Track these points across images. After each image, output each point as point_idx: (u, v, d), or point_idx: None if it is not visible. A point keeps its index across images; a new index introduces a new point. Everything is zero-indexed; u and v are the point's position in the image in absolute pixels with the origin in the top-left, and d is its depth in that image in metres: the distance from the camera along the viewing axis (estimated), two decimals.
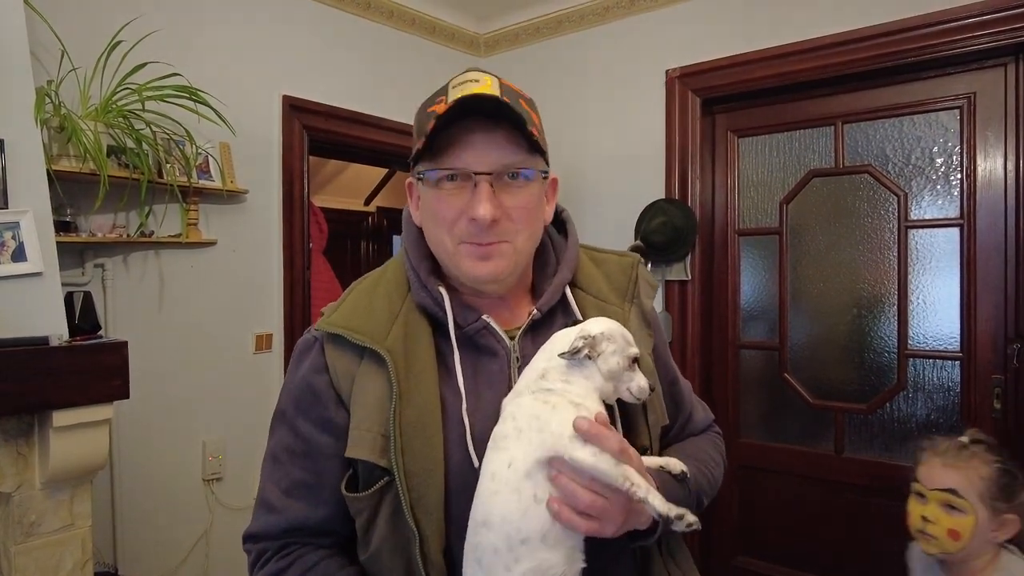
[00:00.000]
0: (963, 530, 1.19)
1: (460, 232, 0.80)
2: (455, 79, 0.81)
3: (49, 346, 1.52)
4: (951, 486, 1.21)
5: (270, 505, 0.84)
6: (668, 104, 2.79)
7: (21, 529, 1.59)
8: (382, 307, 0.84)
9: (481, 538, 0.70)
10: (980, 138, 2.26)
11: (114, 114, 1.97)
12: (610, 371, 0.76)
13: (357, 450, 0.78)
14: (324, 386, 0.82)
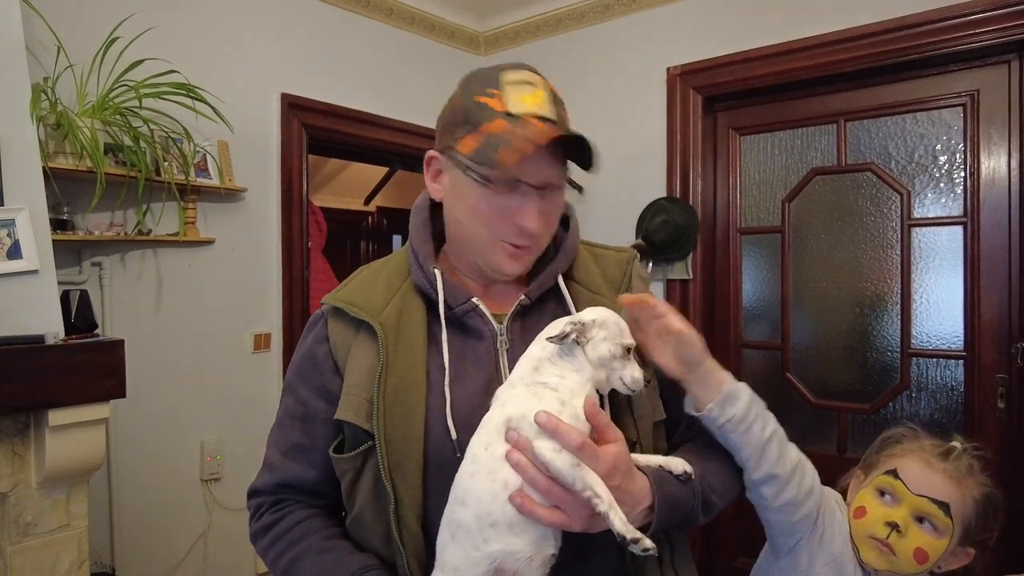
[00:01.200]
0: (932, 553, 0.94)
1: (501, 232, 0.83)
2: (510, 74, 0.82)
3: (45, 344, 1.51)
4: (946, 500, 0.93)
5: (270, 464, 0.92)
6: (669, 102, 2.77)
7: (17, 529, 1.57)
8: (383, 286, 0.90)
9: (457, 514, 0.72)
10: (983, 135, 2.24)
11: (111, 111, 1.96)
12: (600, 358, 0.76)
13: (344, 412, 0.83)
14: (324, 355, 0.89)
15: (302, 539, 0.86)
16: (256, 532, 0.90)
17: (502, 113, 0.80)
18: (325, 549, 0.84)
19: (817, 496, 0.97)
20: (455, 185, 0.85)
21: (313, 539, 0.86)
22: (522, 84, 0.82)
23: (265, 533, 0.89)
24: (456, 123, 0.83)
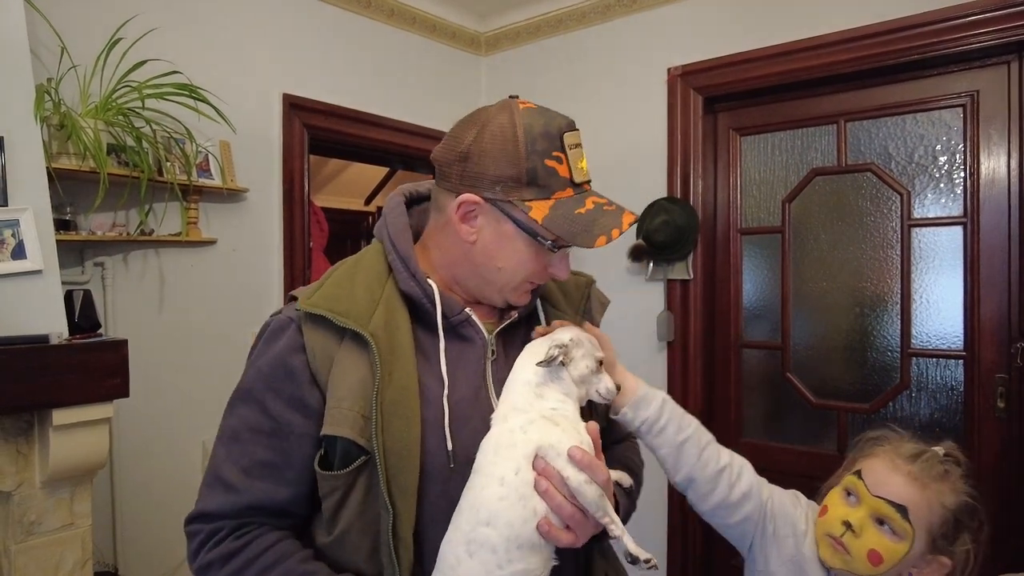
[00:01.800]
0: (888, 557, 0.90)
1: (533, 276, 0.89)
2: (569, 136, 0.85)
3: (49, 344, 1.51)
4: (904, 503, 0.90)
5: (227, 484, 0.82)
6: (670, 102, 2.78)
7: (21, 528, 1.58)
8: (363, 292, 0.86)
9: (480, 534, 0.75)
10: (983, 136, 2.25)
11: (114, 112, 1.97)
12: (581, 375, 0.85)
13: (338, 428, 0.79)
14: (300, 365, 0.83)
15: (275, 565, 0.79)
16: (211, 562, 0.81)
17: (568, 181, 0.84)
18: (306, 572, 0.80)
19: (756, 499, 1.00)
20: (503, 236, 0.86)
21: (289, 563, 0.80)
22: (577, 148, 0.86)
23: (227, 562, 0.80)
24: (519, 181, 0.83)
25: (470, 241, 0.87)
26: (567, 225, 0.83)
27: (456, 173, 0.85)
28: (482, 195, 0.84)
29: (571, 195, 0.84)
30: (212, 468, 0.85)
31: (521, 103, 0.87)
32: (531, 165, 0.82)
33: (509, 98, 0.88)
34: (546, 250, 0.86)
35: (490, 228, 0.86)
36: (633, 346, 2.88)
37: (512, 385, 0.84)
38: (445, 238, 0.90)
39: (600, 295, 1.08)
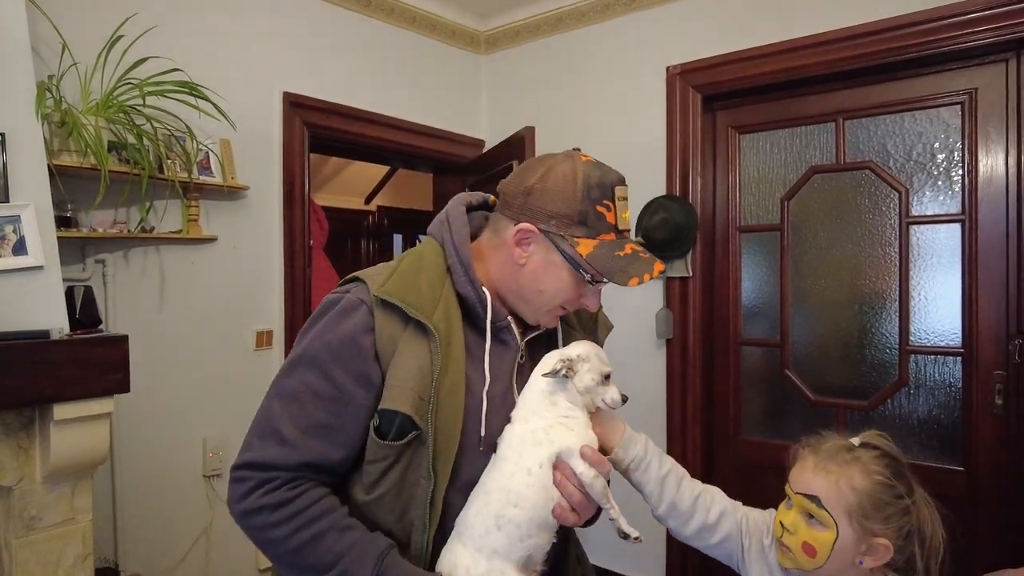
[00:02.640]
0: (820, 547, 0.97)
1: (567, 303, 1.01)
2: (620, 189, 0.98)
3: (49, 340, 1.52)
4: (815, 492, 0.98)
5: (283, 438, 0.91)
6: (669, 101, 2.79)
7: (22, 523, 1.59)
8: (427, 288, 0.97)
9: (509, 513, 0.91)
10: (981, 134, 2.25)
11: (115, 109, 1.97)
12: (586, 387, 0.98)
13: (401, 404, 0.90)
14: (369, 345, 0.93)
15: (323, 516, 0.90)
16: (263, 506, 0.90)
17: (613, 227, 0.97)
18: (348, 527, 0.91)
19: (731, 518, 1.10)
20: (550, 265, 0.98)
21: (335, 516, 0.91)
22: (624, 201, 0.99)
23: (276, 509, 0.89)
24: (572, 220, 0.96)
25: (520, 263, 0.99)
26: (607, 263, 0.95)
27: (519, 204, 0.98)
28: (538, 226, 0.97)
29: (614, 239, 0.97)
30: (266, 421, 0.93)
31: (583, 156, 1.00)
32: (584, 208, 0.95)
33: (573, 150, 1.03)
34: (584, 282, 0.98)
35: (540, 255, 0.98)
36: (632, 344, 2.88)
37: (528, 393, 0.99)
38: (497, 256, 1.02)
39: (605, 319, 1.23)
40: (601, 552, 2.98)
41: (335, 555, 0.89)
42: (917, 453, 2.37)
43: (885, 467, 0.97)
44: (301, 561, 0.90)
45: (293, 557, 0.90)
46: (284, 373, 0.95)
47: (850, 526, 0.96)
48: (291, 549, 0.89)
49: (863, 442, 1.01)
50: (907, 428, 2.39)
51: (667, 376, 2.78)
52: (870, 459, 0.98)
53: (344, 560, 0.88)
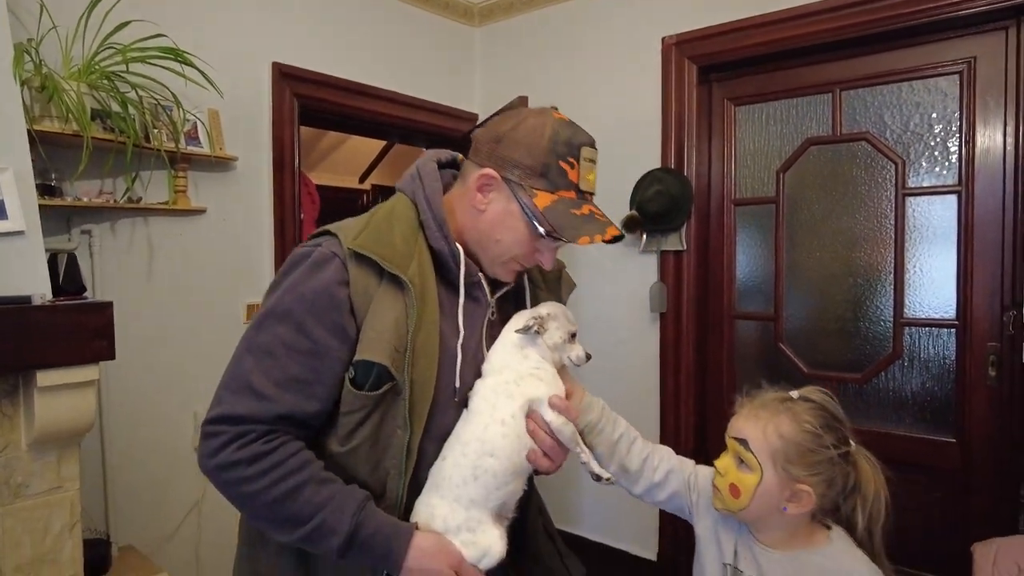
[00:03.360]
0: (744, 488, 1.01)
1: (519, 256, 1.01)
2: (587, 150, 0.99)
3: (31, 305, 1.49)
4: (744, 436, 1.02)
5: (258, 392, 0.90)
6: (664, 72, 2.75)
7: (8, 490, 1.57)
8: (401, 242, 0.97)
9: (485, 463, 0.95)
10: (980, 104, 2.22)
11: (97, 75, 1.93)
12: (554, 344, 1.03)
13: (378, 355, 0.90)
14: (344, 297, 0.93)
15: (301, 469, 0.90)
16: (238, 460, 0.88)
17: (575, 185, 0.97)
18: (326, 479, 0.91)
19: (678, 476, 1.16)
20: (508, 214, 0.99)
21: (312, 469, 0.91)
22: (590, 163, 0.99)
23: (253, 462, 0.88)
24: (534, 171, 0.96)
25: (480, 209, 1.00)
26: (561, 219, 0.95)
27: (487, 151, 0.99)
28: (501, 173, 0.98)
29: (573, 197, 0.97)
30: (239, 376, 0.92)
31: (556, 114, 1.00)
32: (547, 161, 0.96)
33: (550, 107, 1.03)
34: (538, 236, 0.98)
35: (500, 203, 0.99)
36: (626, 317, 2.87)
37: (499, 347, 1.03)
38: (462, 204, 1.02)
39: (569, 278, 1.24)
40: (598, 528, 3.00)
41: (313, 507, 0.88)
42: (910, 425, 2.37)
43: (816, 418, 1.00)
44: (279, 514, 0.89)
45: (270, 511, 0.89)
46: (255, 327, 0.94)
47: (774, 471, 0.99)
48: (268, 502, 0.88)
49: (801, 395, 1.04)
50: (901, 401, 2.38)
51: (660, 350, 2.77)
52: (803, 410, 1.01)
53: (323, 511, 0.88)
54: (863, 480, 1.02)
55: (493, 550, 0.95)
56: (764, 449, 1.00)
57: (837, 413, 1.03)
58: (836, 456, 0.99)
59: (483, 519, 0.95)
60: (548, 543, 1.17)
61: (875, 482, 1.02)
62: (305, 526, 0.88)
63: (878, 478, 1.03)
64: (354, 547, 0.89)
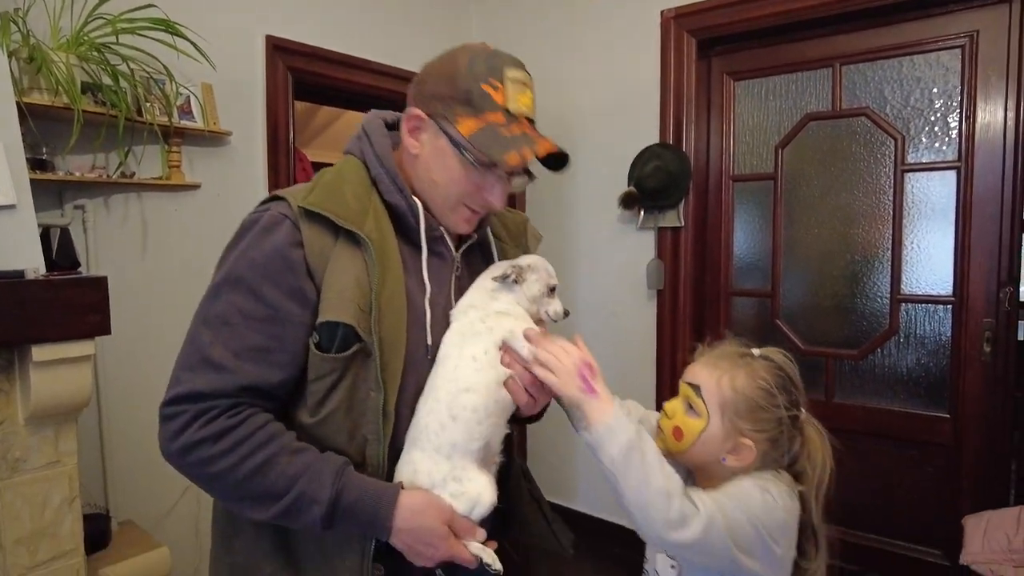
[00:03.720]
0: (688, 432, 1.00)
1: (467, 199, 0.95)
2: (511, 71, 0.93)
3: (24, 279, 1.48)
4: (697, 382, 1.01)
5: (217, 365, 0.84)
6: (663, 46, 2.71)
7: (6, 465, 1.57)
8: (353, 199, 0.93)
9: (462, 399, 0.91)
10: (981, 78, 2.20)
11: (86, 47, 1.90)
12: (532, 296, 1.00)
13: (340, 314, 0.86)
14: (299, 259, 0.88)
15: (271, 441, 0.85)
16: (202, 439, 0.83)
17: (502, 108, 0.90)
18: (300, 449, 0.86)
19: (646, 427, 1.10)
20: (438, 151, 0.94)
21: (283, 439, 0.86)
22: (520, 84, 0.93)
23: (219, 439, 0.83)
24: (455, 99, 0.91)
25: (414, 153, 0.96)
26: (488, 142, 0.89)
27: (413, 93, 0.96)
28: (426, 111, 0.93)
29: (502, 120, 0.90)
30: (195, 352, 0.86)
31: (481, 45, 0.96)
32: (468, 86, 0.90)
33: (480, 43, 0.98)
34: (475, 169, 0.92)
35: (431, 143, 0.94)
36: (623, 294, 2.87)
37: (471, 291, 1.00)
38: (404, 156, 0.99)
39: (535, 230, 1.20)
40: (593, 502, 3.03)
41: (289, 479, 0.83)
42: (905, 401, 2.38)
43: (773, 376, 0.99)
44: (252, 491, 0.84)
45: (243, 488, 0.84)
46: (208, 298, 0.89)
47: (721, 420, 0.99)
48: (240, 479, 0.83)
49: (763, 354, 1.03)
50: (896, 376, 2.40)
51: (657, 327, 2.77)
52: (761, 367, 1.01)
53: (300, 482, 0.83)
54: (811, 448, 1.02)
55: (483, 498, 0.91)
56: (715, 397, 0.99)
57: (794, 377, 1.03)
58: (785, 417, 0.98)
59: (468, 466, 0.91)
60: (534, 508, 1.13)
61: (822, 450, 1.02)
62: (282, 500, 0.83)
63: (825, 447, 1.02)
64: (338, 516, 0.84)
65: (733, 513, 0.91)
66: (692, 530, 0.87)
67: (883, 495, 2.41)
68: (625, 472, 0.89)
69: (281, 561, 0.92)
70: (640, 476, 0.88)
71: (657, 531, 0.88)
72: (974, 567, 1.84)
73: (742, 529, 0.90)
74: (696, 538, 0.88)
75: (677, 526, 0.87)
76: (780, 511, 0.94)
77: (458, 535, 0.89)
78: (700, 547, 0.89)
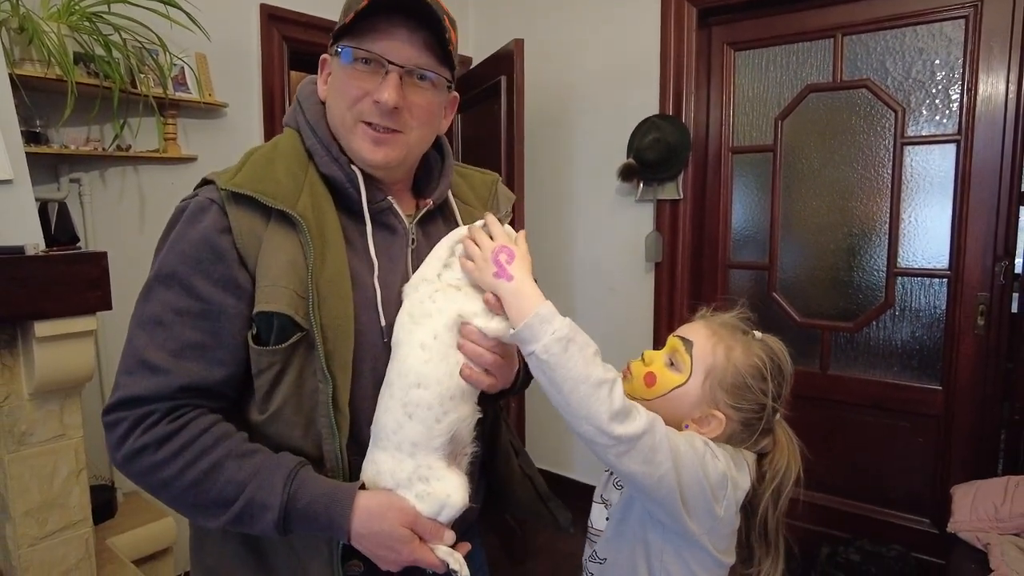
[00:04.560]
0: (661, 383, 0.94)
1: (361, 111, 0.86)
2: None
3: (25, 255, 1.48)
4: (692, 339, 0.95)
5: (154, 367, 0.80)
6: (663, 15, 2.67)
7: (13, 438, 1.60)
8: (285, 176, 0.86)
9: (414, 396, 0.83)
10: (984, 50, 2.18)
11: (78, 16, 1.87)
12: None
13: (275, 304, 0.80)
14: (228, 246, 0.82)
15: (216, 445, 0.79)
16: (144, 446, 0.78)
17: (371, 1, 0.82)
18: (249, 452, 0.81)
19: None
20: (333, 76, 0.89)
21: (231, 443, 0.80)
22: None
23: (161, 446, 0.78)
24: (341, 20, 0.85)
25: (323, 97, 0.92)
26: (342, 20, 0.84)
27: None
28: (329, 51, 0.90)
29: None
30: (132, 355, 0.82)
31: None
32: (348, 5, 0.85)
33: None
34: (353, 68, 0.85)
35: (331, 74, 0.90)
36: (621, 267, 2.88)
37: (426, 261, 0.90)
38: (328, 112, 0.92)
39: (506, 191, 1.11)
40: (590, 471, 3.07)
41: (237, 485, 0.78)
42: (898, 373, 2.42)
43: (769, 361, 0.93)
44: (200, 499, 0.79)
45: (190, 496, 0.79)
46: (142, 299, 0.84)
47: (701, 384, 0.93)
48: (186, 487, 0.78)
49: (763, 339, 0.97)
50: (890, 349, 2.43)
51: (655, 299, 2.79)
52: (760, 348, 0.95)
53: (249, 488, 0.78)
54: (776, 450, 0.96)
55: (452, 499, 0.83)
56: (704, 360, 0.93)
57: (787, 371, 0.96)
58: (769, 406, 0.92)
59: (433, 464, 0.83)
60: (527, 486, 1.07)
61: (788, 454, 0.96)
62: (232, 507, 0.78)
63: (792, 451, 0.96)
64: (292, 521, 0.79)
65: (676, 440, 0.85)
66: (638, 423, 0.81)
67: (874, 465, 2.46)
68: (563, 362, 0.81)
69: (252, 564, 0.88)
70: (580, 366, 0.81)
71: (602, 424, 0.80)
72: (961, 535, 1.89)
73: (685, 459, 0.84)
74: (643, 428, 0.81)
75: (622, 417, 0.81)
76: (722, 471, 0.87)
77: (423, 538, 0.83)
78: (647, 449, 0.82)
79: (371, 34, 0.84)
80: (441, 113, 0.94)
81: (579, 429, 0.82)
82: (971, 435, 2.28)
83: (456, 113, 1.04)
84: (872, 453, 2.46)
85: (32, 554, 1.64)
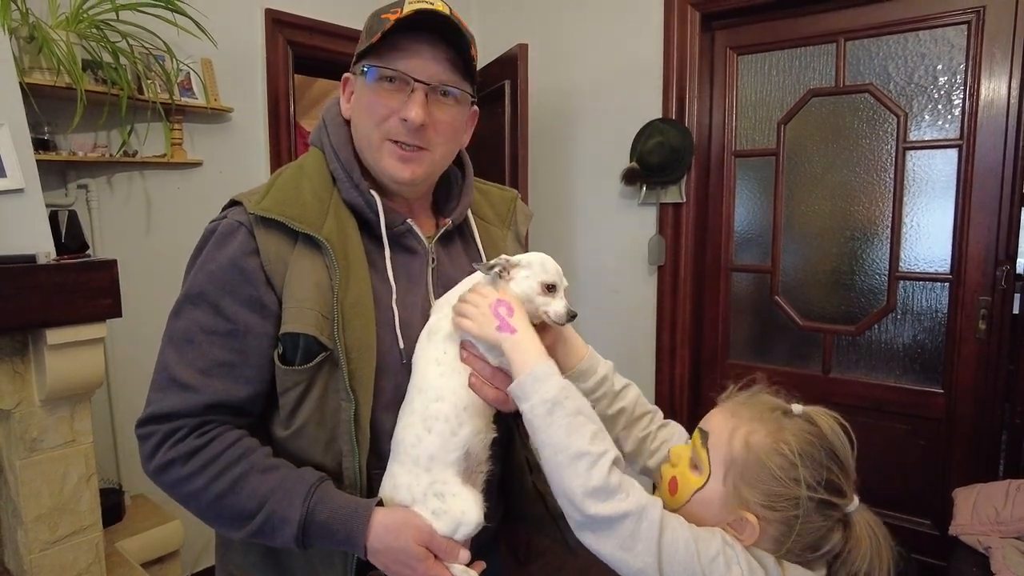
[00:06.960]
0: (683, 488, 0.82)
1: (388, 130, 0.88)
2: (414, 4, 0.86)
3: (37, 264, 1.50)
4: (708, 429, 0.83)
5: (183, 384, 0.83)
6: (667, 19, 2.68)
7: (24, 444, 1.61)
8: (311, 199, 0.88)
9: (432, 410, 0.85)
10: (986, 55, 2.19)
11: (86, 24, 1.88)
12: (524, 293, 0.89)
13: (302, 326, 0.82)
14: (255, 268, 0.85)
15: (240, 460, 0.82)
16: (172, 460, 0.82)
17: (396, 21, 0.84)
18: (271, 467, 0.84)
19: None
20: (358, 96, 0.90)
21: (254, 457, 0.83)
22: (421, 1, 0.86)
23: (189, 459, 0.82)
24: (361, 43, 0.88)
25: (348, 116, 0.93)
26: (367, 41, 0.86)
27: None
28: (352, 71, 0.91)
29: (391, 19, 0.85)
30: (163, 371, 0.85)
31: None
32: (371, 25, 0.88)
33: None
34: (379, 87, 0.87)
35: (354, 95, 0.92)
36: (624, 270, 2.89)
37: (458, 284, 0.93)
38: (353, 131, 0.94)
39: (524, 208, 1.13)
40: None
41: (259, 499, 0.81)
42: (900, 376, 2.43)
43: (802, 444, 0.77)
44: (224, 511, 0.83)
45: (215, 508, 0.83)
46: (173, 317, 0.87)
47: (722, 482, 0.79)
48: (211, 500, 0.82)
49: (805, 413, 0.81)
50: (892, 352, 2.44)
51: (657, 302, 2.80)
52: (793, 428, 0.79)
53: (270, 502, 0.81)
54: (857, 552, 0.77)
55: (467, 517, 0.84)
56: (721, 453, 0.80)
57: (837, 451, 0.78)
58: (806, 499, 0.75)
59: (449, 480, 0.85)
60: (538, 504, 1.04)
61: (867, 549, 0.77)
62: (253, 520, 0.81)
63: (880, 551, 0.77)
64: (311, 535, 0.81)
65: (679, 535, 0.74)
66: (621, 504, 0.73)
67: (877, 467, 2.48)
68: (545, 426, 0.77)
69: (271, 574, 0.91)
70: (560, 433, 0.76)
71: (574, 499, 0.74)
72: (962, 537, 1.90)
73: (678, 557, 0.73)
74: (624, 511, 0.73)
75: (602, 495, 0.73)
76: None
77: (439, 556, 0.83)
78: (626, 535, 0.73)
79: (395, 52, 0.86)
80: (464, 126, 0.96)
81: (557, 498, 0.78)
82: (972, 438, 2.30)
83: None
84: (874, 455, 2.48)
85: (43, 559, 1.65)
